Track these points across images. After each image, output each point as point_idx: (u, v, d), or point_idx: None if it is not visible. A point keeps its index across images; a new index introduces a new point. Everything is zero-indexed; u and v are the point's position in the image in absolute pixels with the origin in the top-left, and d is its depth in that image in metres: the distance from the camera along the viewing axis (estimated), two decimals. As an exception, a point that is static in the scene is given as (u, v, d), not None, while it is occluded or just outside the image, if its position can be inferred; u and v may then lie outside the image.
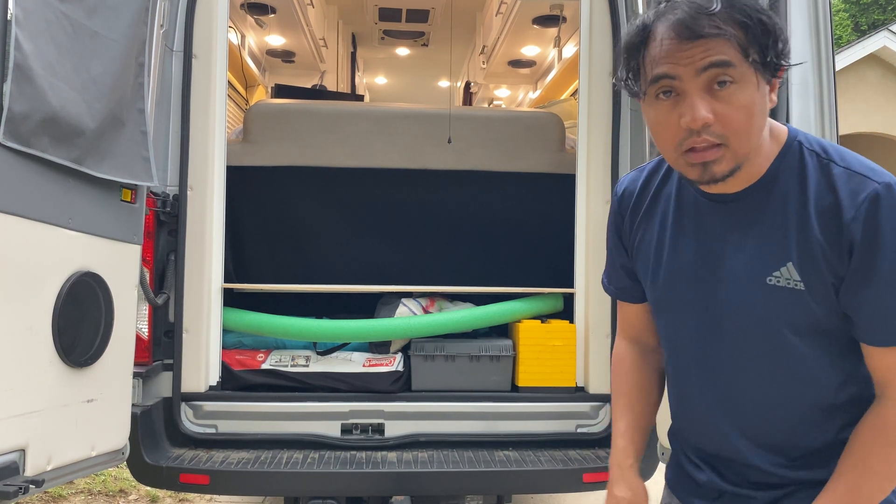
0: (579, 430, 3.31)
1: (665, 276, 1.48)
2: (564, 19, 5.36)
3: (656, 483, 5.60)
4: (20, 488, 2.07)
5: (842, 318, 1.31)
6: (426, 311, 3.53)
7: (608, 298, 3.31)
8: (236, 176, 3.50)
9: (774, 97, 1.27)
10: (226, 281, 3.33)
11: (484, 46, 6.51)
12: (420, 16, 6.01)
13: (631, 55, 1.29)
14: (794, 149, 1.32)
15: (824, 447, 1.38)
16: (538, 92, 6.90)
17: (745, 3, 1.20)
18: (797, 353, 1.35)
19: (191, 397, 3.16)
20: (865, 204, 1.23)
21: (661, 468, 3.13)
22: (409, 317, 3.45)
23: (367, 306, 3.67)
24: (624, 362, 1.73)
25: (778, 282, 1.32)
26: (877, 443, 1.30)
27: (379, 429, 3.24)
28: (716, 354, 1.43)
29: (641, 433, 1.71)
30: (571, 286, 3.47)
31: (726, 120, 1.22)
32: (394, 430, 3.23)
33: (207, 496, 4.88)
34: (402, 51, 7.29)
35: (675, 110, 1.24)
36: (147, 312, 3.06)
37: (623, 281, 1.64)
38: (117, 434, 2.68)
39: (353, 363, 3.39)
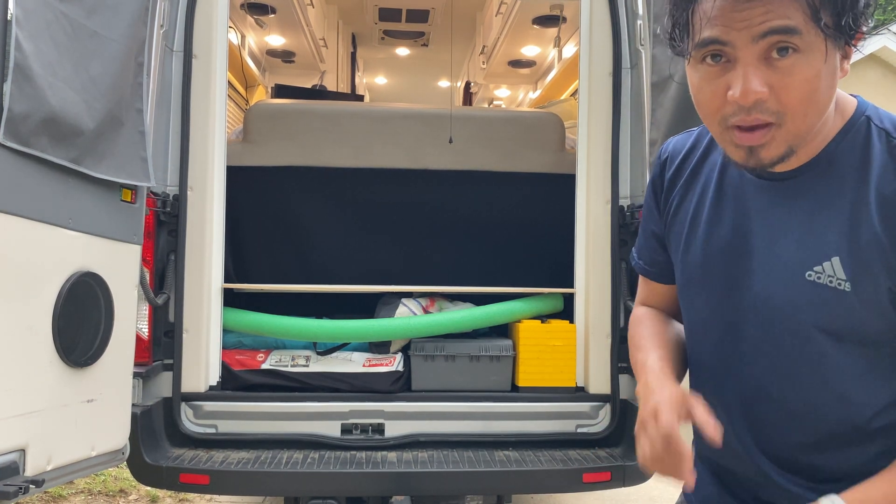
0: (579, 430, 3.31)
1: (695, 255, 1.31)
2: (564, 19, 5.36)
3: (656, 483, 5.59)
4: (20, 488, 2.07)
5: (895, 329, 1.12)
6: (426, 311, 3.53)
7: (608, 298, 3.31)
8: (236, 176, 3.50)
9: (847, 67, 1.08)
10: (226, 281, 3.33)
11: (484, 46, 6.51)
12: (420, 16, 6.01)
13: (678, 6, 1.10)
14: (860, 125, 1.14)
15: (856, 475, 1.17)
16: (538, 92, 6.90)
17: None
18: (831, 364, 1.17)
19: (191, 397, 3.16)
20: None
21: (661, 468, 3.13)
22: (409, 317, 3.45)
23: (367, 306, 3.67)
24: (644, 317, 1.51)
25: (819, 278, 1.14)
26: None
27: (379, 429, 3.24)
28: (736, 351, 1.27)
29: (674, 366, 1.39)
30: (571, 286, 3.47)
31: (784, 95, 1.03)
32: (394, 430, 3.23)
33: (207, 496, 4.88)
34: (402, 51, 7.29)
35: (724, 78, 1.06)
36: (147, 312, 3.06)
37: (653, 255, 1.46)
38: (117, 434, 2.68)
39: (353, 363, 3.39)
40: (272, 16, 5.39)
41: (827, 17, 1.00)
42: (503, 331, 3.74)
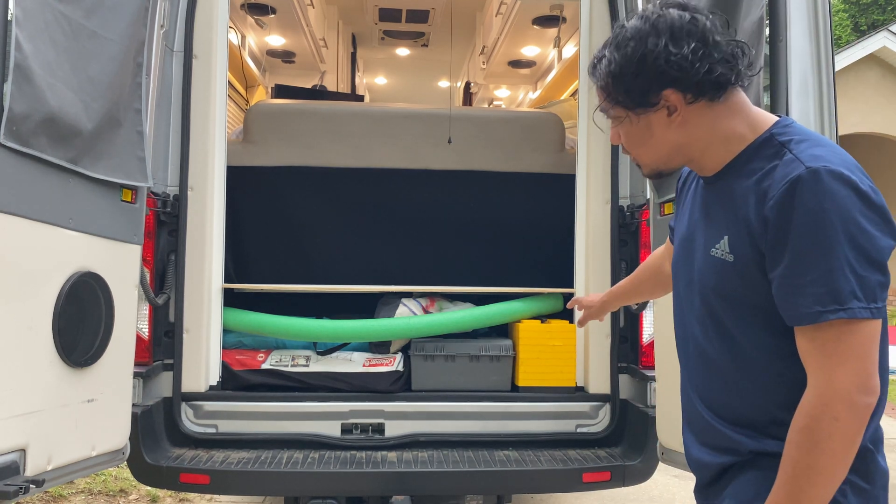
0: (579, 430, 3.31)
1: (675, 246, 1.70)
2: (564, 19, 5.36)
3: (655, 483, 5.59)
4: (20, 488, 2.07)
5: (769, 294, 1.40)
6: (426, 311, 3.53)
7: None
8: (236, 176, 3.51)
9: (678, 117, 1.47)
10: (226, 281, 3.34)
11: (484, 47, 6.51)
12: (420, 16, 6.01)
13: None
14: (764, 139, 1.47)
15: (765, 421, 1.45)
16: (538, 92, 6.90)
17: (602, 69, 1.50)
18: (727, 323, 1.49)
19: (191, 397, 3.16)
20: (786, 185, 1.34)
21: (661, 468, 3.14)
22: (409, 317, 3.45)
23: (367, 306, 3.67)
24: (650, 257, 2.09)
25: (715, 253, 1.49)
26: (799, 436, 1.32)
27: (379, 429, 3.24)
28: (687, 317, 1.62)
29: (626, 290, 2.17)
30: (571, 286, 3.47)
31: (625, 143, 1.58)
32: (394, 429, 3.23)
33: (208, 496, 4.88)
34: (402, 51, 7.29)
35: None
36: (147, 312, 3.06)
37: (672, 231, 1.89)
38: (117, 434, 2.68)
39: (353, 363, 3.39)
40: (272, 16, 5.39)
41: (611, 101, 1.52)
42: (503, 331, 3.74)
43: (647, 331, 3.23)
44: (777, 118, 1.51)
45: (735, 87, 1.48)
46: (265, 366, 3.36)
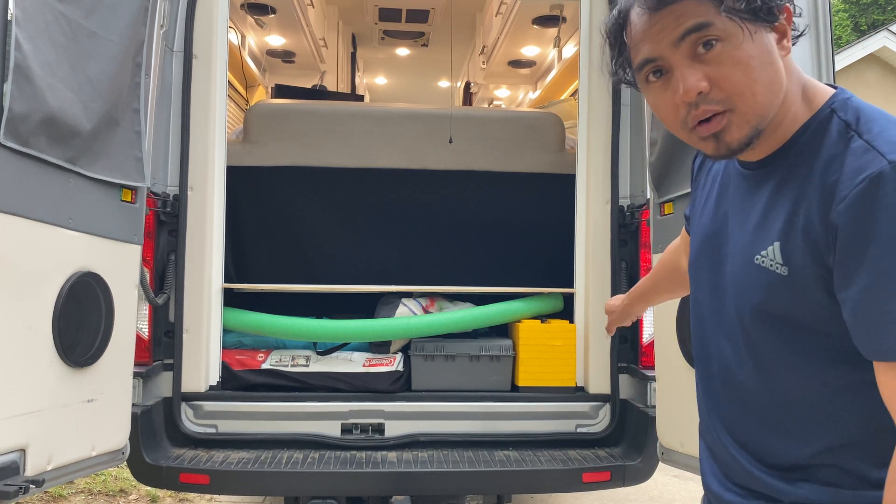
0: (579, 430, 3.31)
1: (696, 238, 1.39)
2: (564, 19, 5.36)
3: (656, 483, 5.59)
4: (20, 488, 2.07)
5: (834, 317, 1.12)
6: (426, 311, 3.53)
7: (608, 298, 3.31)
8: (236, 176, 3.51)
9: (787, 44, 1.13)
10: (226, 281, 3.34)
11: (484, 47, 6.51)
12: (420, 16, 6.01)
13: (612, 43, 1.21)
14: (824, 117, 1.15)
15: (815, 465, 1.19)
16: (538, 92, 6.90)
17: None
18: (767, 347, 1.21)
19: (191, 397, 3.16)
20: (864, 184, 1.03)
21: (661, 468, 3.14)
22: (409, 317, 3.45)
23: (367, 306, 3.67)
24: (665, 251, 1.83)
25: (762, 262, 1.17)
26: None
27: (379, 429, 3.24)
28: (713, 335, 1.32)
29: (646, 290, 1.92)
30: (571, 286, 3.47)
31: (723, 82, 1.10)
32: (394, 429, 3.23)
33: (207, 496, 4.88)
34: (402, 51, 7.29)
35: (669, 88, 1.14)
36: (147, 312, 3.06)
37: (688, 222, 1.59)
38: (117, 434, 2.68)
39: (353, 363, 3.39)
40: (272, 16, 5.39)
41: (731, 3, 1.08)
42: (503, 331, 3.74)
43: (648, 331, 3.23)
44: (834, 89, 1.20)
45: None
46: (265, 366, 3.36)
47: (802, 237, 1.11)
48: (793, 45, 1.16)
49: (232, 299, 3.49)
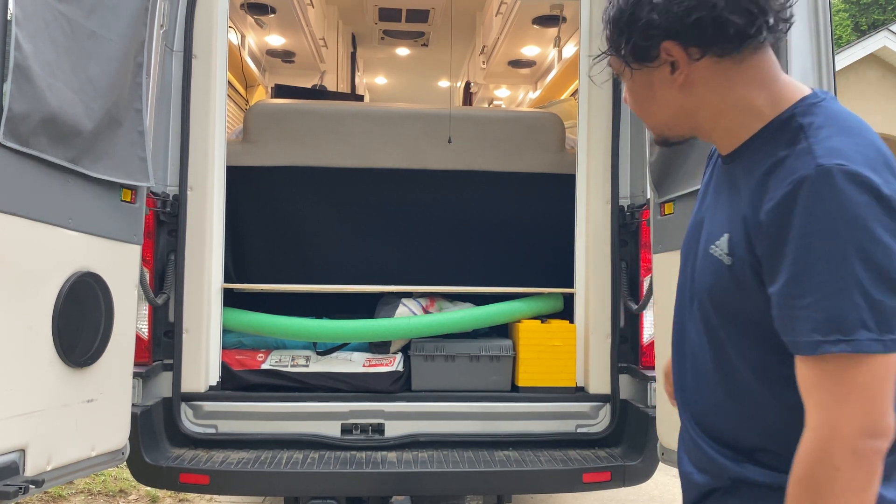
0: (579, 430, 3.31)
1: (686, 231, 1.48)
2: (564, 19, 5.36)
3: (656, 483, 5.58)
4: (20, 488, 2.07)
5: (769, 309, 1.18)
6: (426, 311, 3.53)
7: (608, 298, 3.32)
8: (236, 176, 3.50)
9: (680, 76, 1.27)
10: (226, 281, 3.33)
11: (484, 46, 6.51)
12: (420, 16, 6.01)
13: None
14: (784, 118, 1.23)
15: (750, 447, 1.27)
16: (538, 92, 6.90)
17: (605, 15, 1.33)
18: (721, 332, 1.29)
19: (191, 397, 3.16)
20: (790, 186, 1.12)
21: (661, 468, 3.14)
22: (409, 317, 3.44)
23: (367, 306, 3.67)
24: None
25: (714, 251, 1.28)
26: (797, 489, 1.12)
27: (379, 429, 3.23)
28: (686, 319, 1.42)
29: None
30: (571, 286, 3.46)
31: (630, 102, 1.41)
32: (394, 430, 3.23)
33: (207, 496, 4.88)
34: (402, 51, 7.29)
35: None
36: (147, 312, 3.06)
37: None
38: (117, 434, 2.68)
39: (353, 363, 3.39)
40: (272, 16, 5.38)
41: (618, 50, 1.32)
42: (503, 331, 3.74)
43: (648, 331, 3.23)
44: (809, 91, 1.26)
45: (759, 45, 1.24)
46: (265, 366, 3.36)
47: (742, 230, 1.21)
48: (759, 41, 1.23)
49: (232, 299, 3.49)
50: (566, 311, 3.55)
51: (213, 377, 3.25)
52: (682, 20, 1.21)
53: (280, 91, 5.82)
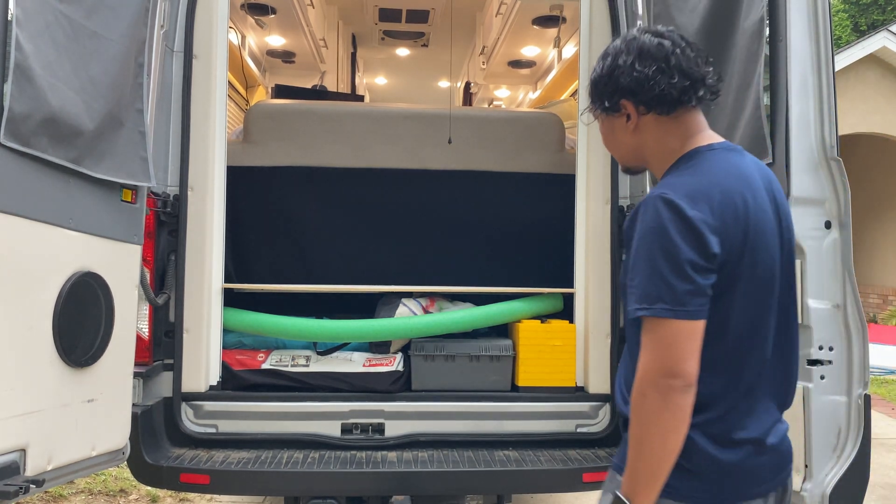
0: (579, 430, 3.31)
1: None
2: (564, 20, 5.36)
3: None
4: (20, 488, 2.07)
5: None
6: (426, 311, 3.53)
7: (608, 298, 3.32)
8: (236, 176, 3.50)
9: (631, 123, 1.79)
10: (226, 281, 3.33)
11: (484, 47, 6.51)
12: (420, 16, 6.01)
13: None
14: (675, 162, 1.77)
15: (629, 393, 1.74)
16: (538, 92, 6.90)
17: (593, 76, 1.83)
18: (627, 318, 1.76)
19: (191, 397, 3.16)
20: (636, 208, 1.72)
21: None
22: (409, 317, 3.45)
23: (367, 306, 3.67)
24: None
25: (625, 257, 1.77)
26: (631, 411, 1.64)
27: (379, 428, 3.24)
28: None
29: None
30: (571, 286, 3.47)
31: (602, 139, 1.92)
32: (394, 429, 3.23)
33: (208, 496, 4.88)
34: (402, 51, 7.29)
35: None
36: (147, 312, 3.06)
37: None
38: (118, 434, 2.68)
39: (353, 363, 3.39)
40: (272, 16, 5.39)
41: (595, 102, 1.83)
42: (503, 331, 3.74)
43: (647, 331, 3.22)
44: (707, 143, 1.75)
45: (691, 108, 1.74)
46: (265, 366, 3.36)
47: (626, 237, 1.75)
48: (690, 106, 1.74)
49: (232, 299, 3.49)
50: (566, 311, 3.55)
51: (214, 377, 3.25)
52: (638, 87, 1.72)
53: (280, 91, 5.82)
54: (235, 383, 3.32)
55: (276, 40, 5.99)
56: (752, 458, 1.67)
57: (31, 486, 2.12)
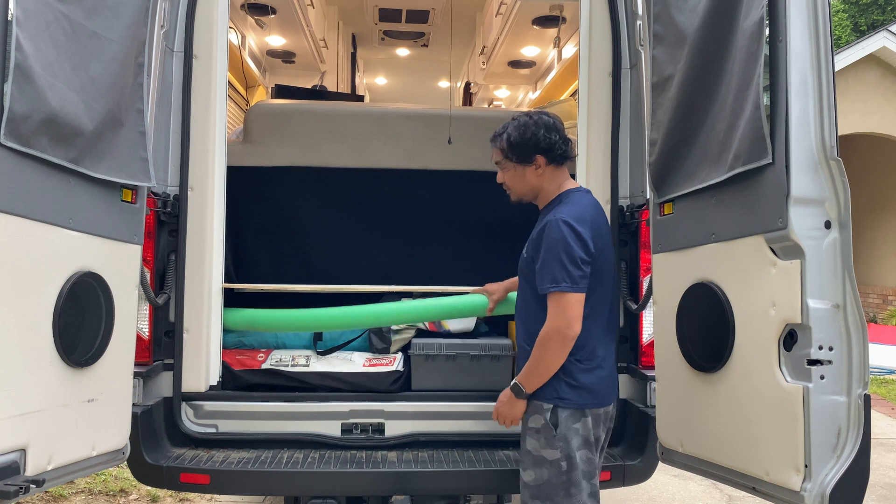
0: (579, 430, 3.31)
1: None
2: (564, 20, 5.36)
3: (655, 482, 5.59)
4: (20, 488, 2.07)
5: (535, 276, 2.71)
6: (426, 311, 3.52)
7: None
8: (236, 176, 3.51)
9: (540, 170, 2.79)
10: (226, 281, 3.34)
11: (484, 47, 6.51)
12: (420, 16, 6.01)
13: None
14: (556, 199, 2.80)
15: (533, 339, 2.67)
16: (538, 92, 6.90)
17: (503, 138, 2.84)
18: (528, 291, 2.78)
19: (191, 397, 3.17)
20: (545, 224, 2.68)
21: (661, 467, 3.14)
22: (401, 301, 3.43)
23: (367, 306, 3.66)
24: None
25: (525, 252, 2.81)
26: (537, 343, 2.64)
27: (379, 428, 3.24)
28: (522, 287, 2.88)
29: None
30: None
31: (507, 181, 2.89)
32: (394, 429, 3.24)
33: (208, 496, 4.89)
34: (402, 51, 7.29)
35: None
36: (147, 312, 3.06)
37: None
38: (118, 434, 2.68)
39: (353, 363, 3.39)
40: (272, 16, 5.39)
41: (510, 156, 2.83)
42: (503, 331, 3.74)
43: (647, 331, 3.23)
44: (575, 187, 2.84)
45: (564, 162, 2.80)
46: (265, 366, 3.36)
47: (533, 242, 2.75)
48: (567, 161, 2.84)
49: (232, 299, 3.49)
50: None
51: (214, 377, 3.25)
52: (548, 147, 2.75)
53: (280, 91, 5.82)
54: (235, 383, 3.32)
55: (276, 40, 5.99)
56: (604, 379, 2.71)
57: (32, 485, 2.12)
